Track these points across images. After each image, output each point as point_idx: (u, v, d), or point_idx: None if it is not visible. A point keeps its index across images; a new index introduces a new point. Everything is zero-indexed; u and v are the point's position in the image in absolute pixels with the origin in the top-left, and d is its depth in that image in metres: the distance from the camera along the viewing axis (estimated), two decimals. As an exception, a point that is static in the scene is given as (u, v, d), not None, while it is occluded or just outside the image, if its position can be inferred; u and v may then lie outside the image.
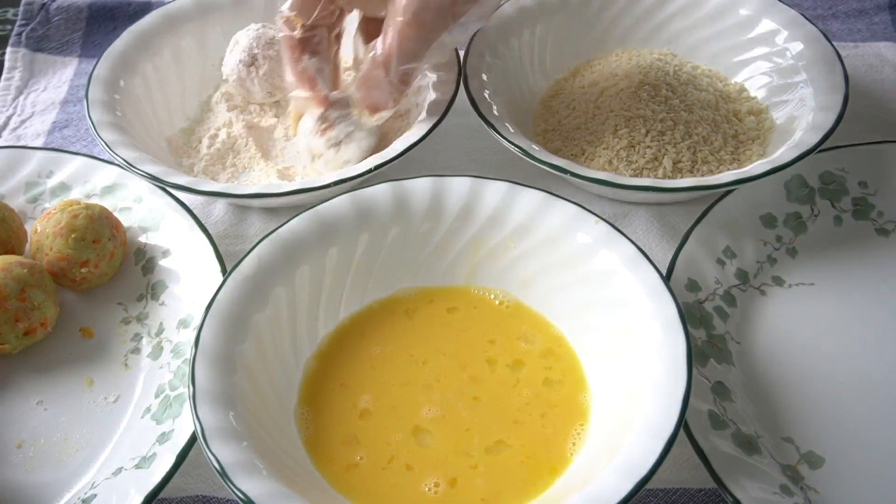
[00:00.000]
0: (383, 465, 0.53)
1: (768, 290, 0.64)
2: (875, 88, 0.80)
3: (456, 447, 0.54)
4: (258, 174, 0.74)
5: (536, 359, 0.58)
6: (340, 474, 0.53)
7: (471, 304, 0.61)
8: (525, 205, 0.60)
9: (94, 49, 0.89)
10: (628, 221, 0.69)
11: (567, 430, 0.54)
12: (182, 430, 0.54)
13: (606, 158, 0.69)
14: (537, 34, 0.78)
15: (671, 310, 0.53)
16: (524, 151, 0.66)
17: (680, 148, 0.69)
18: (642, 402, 0.51)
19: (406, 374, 0.57)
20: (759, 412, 0.57)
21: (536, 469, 0.52)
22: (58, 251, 0.63)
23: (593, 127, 0.72)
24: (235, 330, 0.54)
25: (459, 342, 0.59)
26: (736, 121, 0.72)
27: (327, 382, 0.57)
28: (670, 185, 0.64)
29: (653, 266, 0.56)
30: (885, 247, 0.66)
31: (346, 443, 0.54)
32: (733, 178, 0.64)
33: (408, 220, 0.61)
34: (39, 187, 0.71)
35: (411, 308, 0.61)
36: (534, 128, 0.75)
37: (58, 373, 0.62)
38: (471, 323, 0.60)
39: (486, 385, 0.57)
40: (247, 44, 0.75)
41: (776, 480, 0.52)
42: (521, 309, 0.61)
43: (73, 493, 0.55)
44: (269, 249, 0.58)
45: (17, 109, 0.84)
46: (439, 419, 0.55)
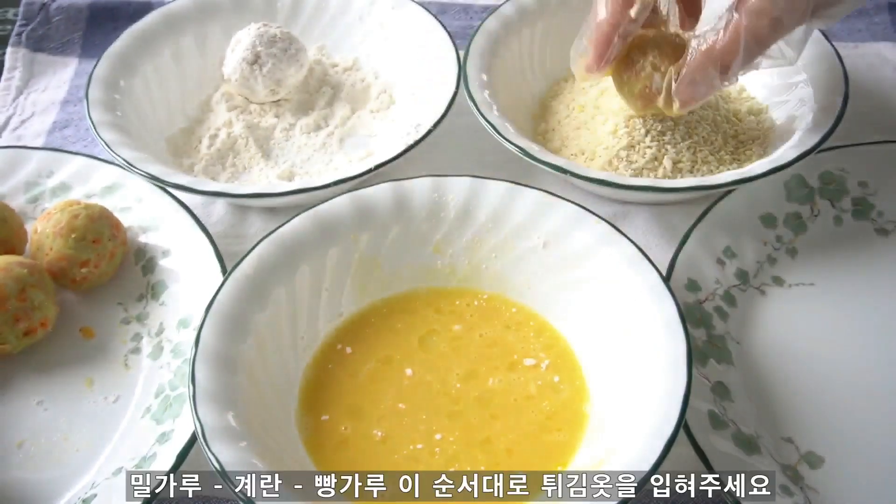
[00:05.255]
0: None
1: (768, 290, 0.64)
2: (875, 88, 0.80)
3: (456, 447, 0.53)
4: (258, 174, 0.74)
5: (536, 359, 0.58)
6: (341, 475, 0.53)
7: (471, 304, 0.61)
8: (525, 205, 0.60)
9: (94, 49, 0.89)
10: (628, 221, 0.69)
11: (567, 430, 0.54)
12: (182, 430, 0.54)
13: (606, 158, 0.69)
14: (537, 34, 0.78)
15: (671, 310, 0.53)
16: (524, 151, 0.66)
17: (680, 148, 0.69)
18: (642, 402, 0.51)
19: (406, 374, 0.57)
20: (759, 412, 0.57)
21: (536, 469, 0.52)
22: (58, 251, 0.63)
23: (593, 127, 0.72)
24: (235, 330, 0.54)
25: (459, 342, 0.59)
26: (736, 121, 0.72)
27: (328, 383, 0.57)
28: (670, 185, 0.64)
29: (653, 266, 0.56)
30: (884, 247, 0.66)
31: (347, 444, 0.54)
32: (733, 178, 0.64)
33: (408, 220, 0.61)
34: (39, 187, 0.71)
35: (411, 308, 0.61)
36: (534, 128, 0.75)
37: (58, 373, 0.62)
38: (471, 323, 0.60)
39: (485, 386, 0.57)
40: (249, 42, 0.75)
41: (776, 481, 0.52)
42: (521, 309, 0.61)
43: (73, 492, 0.55)
44: (269, 249, 0.58)
45: (17, 109, 0.84)
46: (439, 419, 0.55)
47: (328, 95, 0.80)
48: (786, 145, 0.67)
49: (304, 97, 0.79)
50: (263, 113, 0.78)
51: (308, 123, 0.77)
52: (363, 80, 0.81)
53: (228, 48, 0.77)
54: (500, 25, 0.76)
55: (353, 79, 0.81)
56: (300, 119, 0.77)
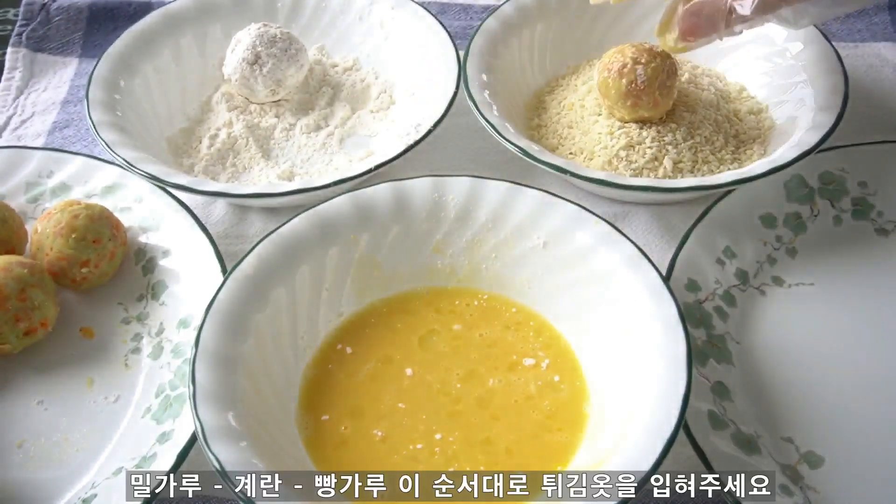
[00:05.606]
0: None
1: (768, 290, 0.64)
2: (875, 88, 0.80)
3: (456, 447, 0.54)
4: (258, 174, 0.74)
5: (536, 359, 0.58)
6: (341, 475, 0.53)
7: (471, 304, 0.61)
8: (525, 205, 0.60)
9: (94, 49, 0.89)
10: (628, 221, 0.69)
11: (567, 430, 0.54)
12: (182, 430, 0.54)
13: (606, 158, 0.69)
14: (537, 34, 0.78)
15: (671, 310, 0.53)
16: (524, 151, 0.66)
17: (681, 148, 0.69)
18: (642, 401, 0.51)
19: (406, 374, 0.57)
20: (759, 412, 0.57)
21: (536, 469, 0.52)
22: (58, 251, 0.63)
23: (584, 127, 0.72)
24: (235, 330, 0.54)
25: (459, 342, 0.59)
26: (736, 120, 0.72)
27: (328, 383, 0.57)
28: (670, 185, 0.64)
29: (653, 266, 0.56)
30: (884, 247, 0.66)
31: (347, 444, 0.54)
32: (733, 178, 0.64)
33: (408, 220, 0.61)
34: (40, 187, 0.71)
35: (411, 308, 0.61)
36: (527, 122, 0.75)
37: (58, 373, 0.62)
38: (471, 323, 0.60)
39: (485, 385, 0.57)
40: (249, 42, 0.75)
41: (776, 480, 0.52)
42: (521, 309, 0.61)
43: (73, 492, 0.55)
44: (269, 249, 0.58)
45: (17, 109, 0.84)
46: (439, 419, 0.55)
47: (328, 95, 0.80)
48: (786, 145, 0.67)
49: (304, 97, 0.79)
50: (263, 113, 0.78)
51: (308, 123, 0.77)
52: (363, 80, 0.81)
53: (228, 48, 0.77)
54: (500, 25, 0.76)
55: (353, 79, 0.81)
56: (300, 119, 0.78)
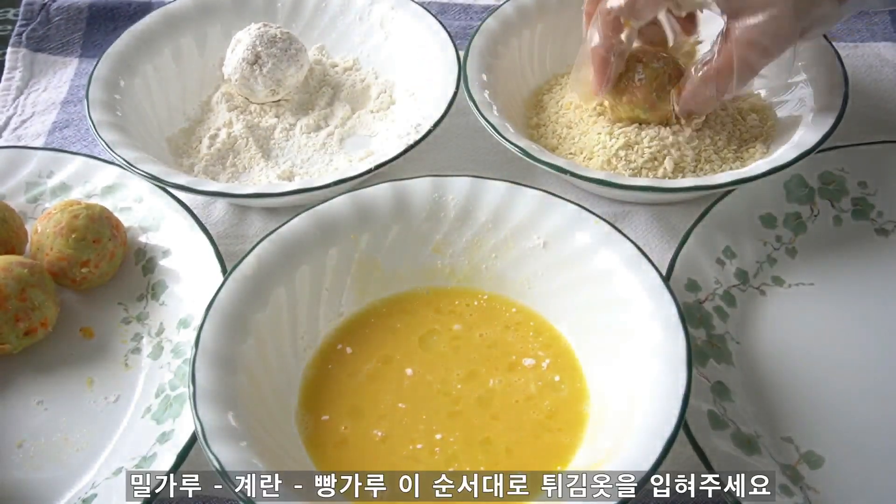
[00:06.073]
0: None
1: (768, 290, 0.64)
2: (875, 88, 0.80)
3: (456, 447, 0.53)
4: (258, 174, 0.74)
5: (536, 359, 0.58)
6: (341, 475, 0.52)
7: (471, 304, 0.61)
8: (525, 205, 0.60)
9: (94, 49, 0.89)
10: (628, 221, 0.69)
11: (567, 430, 0.54)
12: (182, 430, 0.54)
13: (605, 158, 0.69)
14: (537, 34, 0.78)
15: (671, 310, 0.53)
16: (524, 151, 0.66)
17: (685, 149, 0.69)
18: (642, 401, 0.51)
19: (406, 374, 0.57)
20: (759, 412, 0.57)
21: (536, 469, 0.52)
22: (58, 251, 0.63)
23: (583, 128, 0.72)
24: (235, 330, 0.54)
25: (459, 342, 0.59)
26: (740, 119, 0.72)
27: (328, 383, 0.57)
28: (670, 185, 0.64)
29: (653, 266, 0.56)
30: (884, 247, 0.66)
31: (347, 444, 0.54)
32: (733, 178, 0.64)
33: (408, 220, 0.61)
34: (40, 187, 0.71)
35: (411, 308, 0.61)
36: (527, 120, 0.75)
37: (58, 373, 0.62)
38: (471, 323, 0.60)
39: (485, 386, 0.57)
40: (249, 42, 0.75)
41: (776, 480, 0.52)
42: (521, 309, 0.61)
43: (73, 492, 0.55)
44: (269, 249, 0.58)
45: (17, 109, 0.84)
46: (439, 419, 0.55)
47: (328, 95, 0.80)
48: (786, 145, 0.67)
49: (304, 97, 0.79)
50: (263, 113, 0.78)
51: (308, 123, 0.77)
52: (363, 80, 0.81)
53: (228, 48, 0.77)
54: (500, 25, 0.76)
55: (353, 79, 0.81)
56: (300, 119, 0.78)
